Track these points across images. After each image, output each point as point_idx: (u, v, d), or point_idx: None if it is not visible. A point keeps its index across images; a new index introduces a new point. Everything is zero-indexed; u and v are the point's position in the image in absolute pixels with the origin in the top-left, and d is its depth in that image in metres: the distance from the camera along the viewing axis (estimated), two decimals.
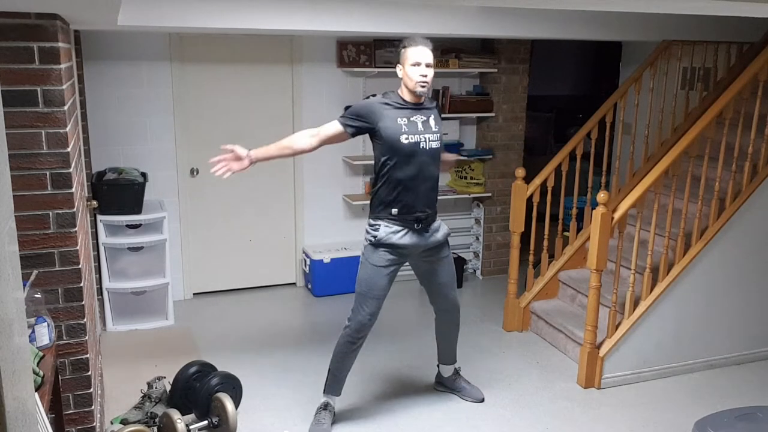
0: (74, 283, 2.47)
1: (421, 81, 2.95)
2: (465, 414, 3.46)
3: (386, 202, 3.06)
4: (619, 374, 3.79)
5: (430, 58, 2.97)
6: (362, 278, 3.14)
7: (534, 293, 4.51)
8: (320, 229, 5.27)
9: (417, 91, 2.98)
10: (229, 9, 3.47)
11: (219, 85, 4.83)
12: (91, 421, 2.65)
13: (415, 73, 2.94)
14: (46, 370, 2.14)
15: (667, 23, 4.38)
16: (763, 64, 3.74)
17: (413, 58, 2.94)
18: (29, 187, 2.31)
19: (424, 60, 2.95)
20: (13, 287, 0.94)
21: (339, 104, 5.08)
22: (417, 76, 2.94)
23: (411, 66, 2.95)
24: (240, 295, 5.12)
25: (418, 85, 2.96)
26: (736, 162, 3.83)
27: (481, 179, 5.45)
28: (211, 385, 3.18)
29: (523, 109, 5.48)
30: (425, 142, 3.02)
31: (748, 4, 2.23)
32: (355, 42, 4.96)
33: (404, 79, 3.00)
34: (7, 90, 2.21)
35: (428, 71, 2.96)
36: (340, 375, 3.26)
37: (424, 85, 2.97)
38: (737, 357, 4.07)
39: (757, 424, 2.71)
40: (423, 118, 3.05)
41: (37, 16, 2.20)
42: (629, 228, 4.14)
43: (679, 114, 4.73)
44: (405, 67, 2.97)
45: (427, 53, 2.96)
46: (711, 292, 3.91)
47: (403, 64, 2.98)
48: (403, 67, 2.98)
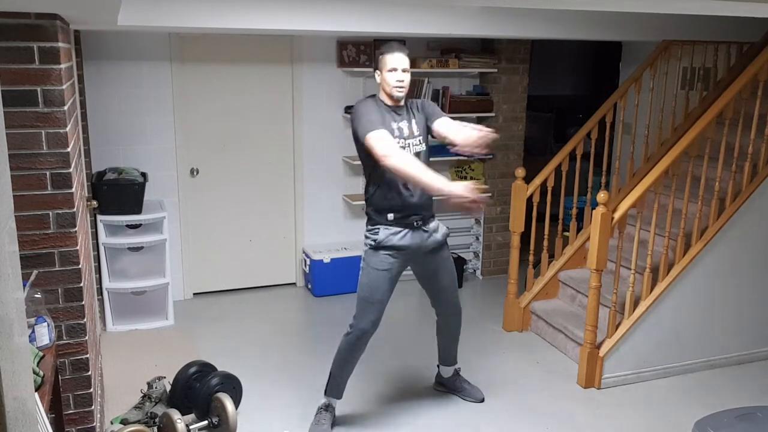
0: (74, 283, 2.47)
1: (398, 86, 3.03)
2: (465, 414, 3.46)
3: (381, 209, 3.08)
4: (619, 374, 3.79)
5: (406, 64, 3.04)
6: (364, 283, 3.14)
7: (534, 293, 4.51)
8: (320, 229, 5.27)
9: (395, 95, 3.06)
10: (229, 9, 3.47)
11: (219, 85, 4.83)
12: (91, 421, 2.65)
13: (392, 79, 3.02)
14: (46, 370, 2.14)
15: (667, 23, 4.38)
16: (763, 64, 3.74)
17: (390, 64, 3.02)
18: (29, 187, 2.31)
19: (400, 66, 3.02)
20: (13, 287, 0.94)
21: (339, 104, 5.08)
22: (394, 81, 3.02)
23: (388, 72, 3.03)
24: (240, 295, 5.12)
25: (395, 89, 3.04)
26: (736, 162, 3.83)
27: (481, 179, 5.45)
28: (211, 385, 3.18)
29: (523, 109, 5.48)
30: (409, 148, 3.08)
31: (748, 4, 2.23)
32: (355, 42, 4.96)
33: (382, 84, 3.08)
34: (7, 90, 2.21)
35: (404, 76, 3.04)
36: (341, 379, 3.26)
37: (401, 90, 3.05)
38: (737, 357, 4.07)
39: (757, 424, 2.71)
40: (406, 123, 3.11)
41: (37, 16, 2.20)
42: (629, 228, 4.14)
43: (679, 114, 4.73)
44: (383, 73, 3.05)
45: (403, 59, 3.04)
46: (711, 292, 3.91)
47: (381, 70, 3.06)
48: (381, 73, 3.06)
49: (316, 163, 5.13)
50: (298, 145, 5.07)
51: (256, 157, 5.02)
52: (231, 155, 4.95)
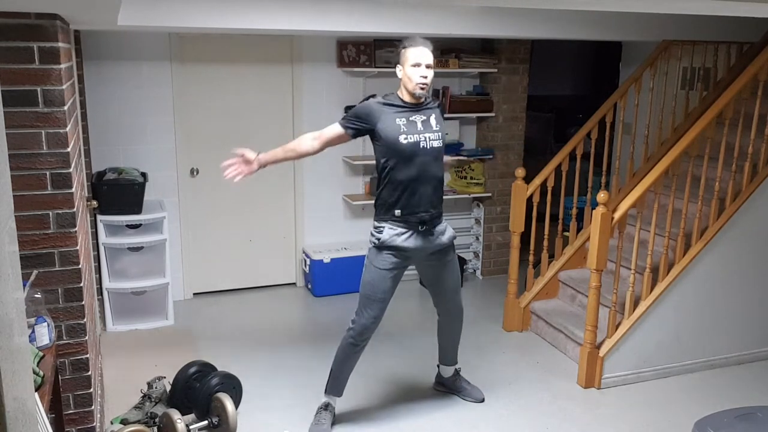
0: (74, 283, 2.47)
1: (421, 82, 2.94)
2: (465, 414, 3.46)
3: (389, 204, 3.05)
4: (619, 374, 3.79)
5: (430, 59, 2.96)
6: (366, 281, 3.13)
7: (534, 293, 4.51)
8: (320, 229, 5.27)
9: (416, 93, 2.98)
10: (229, 9, 3.47)
11: (219, 85, 4.83)
12: (91, 421, 2.65)
13: (416, 74, 2.93)
14: (46, 370, 2.14)
15: (667, 23, 4.38)
16: (763, 64, 3.74)
17: (413, 59, 2.93)
18: (29, 187, 2.31)
19: (424, 61, 2.93)
20: (13, 287, 0.94)
21: (339, 104, 5.08)
22: (417, 77, 2.93)
23: (411, 67, 2.93)
24: (240, 295, 5.12)
25: (418, 86, 2.95)
26: (736, 162, 3.83)
27: (481, 179, 5.45)
28: (211, 385, 3.18)
29: (523, 109, 5.48)
30: (426, 141, 3.00)
31: (748, 4, 2.23)
32: (355, 42, 4.96)
33: (404, 79, 2.99)
34: (7, 90, 2.21)
35: (428, 72, 2.95)
36: (342, 376, 3.26)
37: (424, 86, 2.96)
38: (737, 357, 4.07)
39: (757, 424, 2.71)
40: (423, 117, 3.03)
41: (37, 16, 2.20)
42: (629, 228, 4.14)
43: (679, 114, 4.73)
44: (405, 67, 2.96)
45: (428, 54, 2.95)
46: (711, 292, 3.91)
47: (403, 65, 2.97)
48: (403, 68, 2.97)
49: (316, 163, 5.12)
50: None
51: None
52: (231, 155, 4.93)
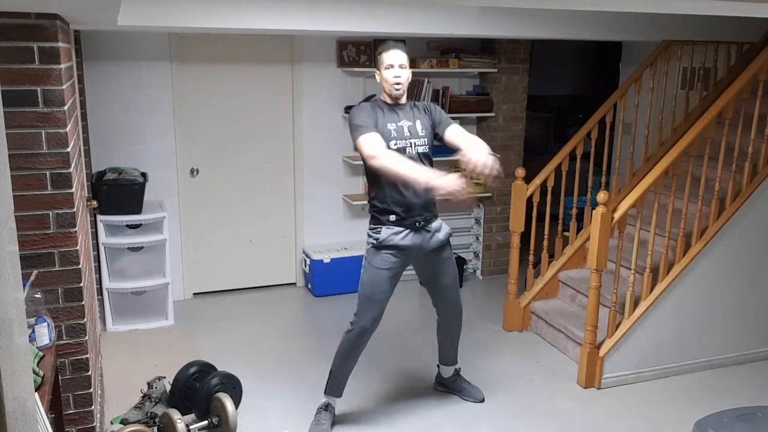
0: (74, 283, 2.47)
1: (395, 83, 3.03)
2: (465, 414, 3.46)
3: (382, 210, 3.08)
4: (619, 374, 3.79)
5: (403, 60, 3.04)
6: (365, 281, 3.14)
7: (534, 293, 4.51)
8: (320, 229, 5.27)
9: (393, 94, 3.07)
10: (229, 9, 3.47)
11: (219, 85, 4.83)
12: (91, 421, 2.65)
13: (390, 75, 3.03)
14: (46, 370, 2.14)
15: (667, 23, 4.38)
16: (763, 64, 3.74)
17: (387, 62, 3.03)
18: (29, 187, 2.31)
19: (396, 62, 3.03)
20: (13, 287, 0.94)
21: (339, 104, 5.08)
22: (391, 78, 3.03)
23: (385, 69, 3.04)
24: (240, 295, 5.12)
25: (393, 87, 3.04)
26: (736, 162, 3.83)
27: (481, 179, 5.44)
28: (211, 385, 3.18)
29: (523, 109, 5.48)
30: (411, 147, 3.07)
31: (748, 4, 2.23)
32: (355, 42, 4.96)
33: (382, 83, 3.09)
34: (7, 90, 2.21)
35: (402, 72, 3.04)
36: (342, 377, 3.26)
37: (399, 86, 3.05)
38: (737, 357, 4.07)
39: (757, 424, 2.71)
40: (409, 123, 3.10)
41: (37, 16, 2.20)
42: (629, 228, 4.14)
43: (679, 114, 4.73)
44: (381, 71, 3.07)
45: (400, 55, 3.04)
46: (711, 292, 3.91)
47: (379, 69, 3.08)
48: (380, 72, 3.07)
49: (316, 163, 5.13)
50: (298, 145, 5.07)
51: (256, 157, 5.02)
52: (231, 155, 4.95)
